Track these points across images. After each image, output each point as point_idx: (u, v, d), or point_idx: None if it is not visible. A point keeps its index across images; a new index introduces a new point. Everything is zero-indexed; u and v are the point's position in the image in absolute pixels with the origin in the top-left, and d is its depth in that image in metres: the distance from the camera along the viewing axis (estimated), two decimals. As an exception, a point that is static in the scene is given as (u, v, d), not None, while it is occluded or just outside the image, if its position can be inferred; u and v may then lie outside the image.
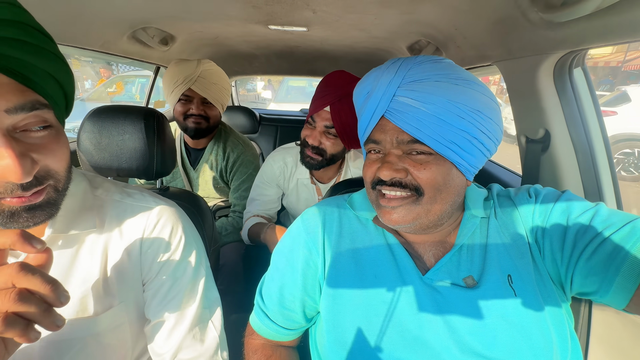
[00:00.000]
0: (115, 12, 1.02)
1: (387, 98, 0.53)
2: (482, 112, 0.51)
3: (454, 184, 0.54)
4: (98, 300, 0.56)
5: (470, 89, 0.52)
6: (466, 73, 0.54)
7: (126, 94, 6.16)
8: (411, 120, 0.51)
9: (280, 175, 1.31)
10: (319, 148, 1.13)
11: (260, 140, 2.24)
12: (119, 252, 0.58)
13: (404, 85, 0.52)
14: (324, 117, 1.10)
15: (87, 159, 0.88)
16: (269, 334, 0.69)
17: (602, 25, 0.54)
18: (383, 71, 0.55)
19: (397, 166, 0.53)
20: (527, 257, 0.55)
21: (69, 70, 0.48)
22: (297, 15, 1.08)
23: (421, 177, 0.52)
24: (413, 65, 0.53)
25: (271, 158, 1.33)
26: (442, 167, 0.52)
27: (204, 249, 0.69)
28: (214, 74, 1.36)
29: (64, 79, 0.46)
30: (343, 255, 0.62)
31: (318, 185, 1.31)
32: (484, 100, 0.52)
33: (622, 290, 0.47)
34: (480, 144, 0.52)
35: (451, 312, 0.54)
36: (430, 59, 0.54)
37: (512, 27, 0.76)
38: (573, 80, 0.77)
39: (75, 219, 0.55)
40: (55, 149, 0.45)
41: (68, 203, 0.54)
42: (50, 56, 0.44)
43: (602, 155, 0.77)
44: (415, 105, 0.51)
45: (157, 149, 0.88)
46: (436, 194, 0.53)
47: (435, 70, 0.52)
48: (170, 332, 0.60)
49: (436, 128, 0.50)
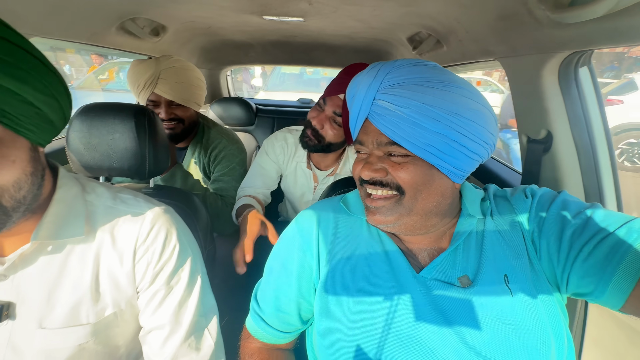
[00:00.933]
0: (102, 3, 0.97)
1: (368, 101, 0.54)
2: (461, 115, 0.51)
3: (435, 185, 0.54)
4: (90, 308, 0.55)
5: (448, 92, 0.51)
6: (447, 75, 0.53)
7: (118, 82, 6.02)
8: (388, 124, 0.52)
9: (280, 153, 1.28)
10: (319, 133, 1.11)
11: (257, 133, 2.20)
12: (111, 260, 0.57)
13: (382, 89, 0.53)
14: (335, 102, 1.08)
15: (78, 159, 0.85)
16: (265, 338, 0.69)
17: (613, 27, 0.51)
18: (364, 75, 0.57)
19: (376, 166, 0.55)
20: (523, 258, 0.55)
21: (53, 94, 0.48)
22: (293, 6, 1.04)
23: (400, 177, 0.54)
24: (392, 69, 0.54)
25: (274, 135, 1.32)
26: (421, 168, 0.53)
27: (200, 254, 0.68)
28: (176, 73, 1.20)
29: (43, 103, 0.47)
30: (337, 257, 0.62)
31: (315, 171, 1.29)
32: (464, 102, 0.51)
33: (618, 291, 0.47)
34: (462, 147, 0.52)
35: (445, 311, 0.54)
36: (409, 62, 0.55)
37: (517, 24, 0.72)
38: (578, 80, 0.74)
39: (63, 226, 0.54)
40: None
41: (56, 209, 0.53)
42: (22, 75, 0.44)
43: (604, 158, 0.75)
44: (392, 109, 0.52)
45: (149, 148, 0.85)
46: (416, 193, 0.54)
47: (412, 74, 0.53)
48: (165, 341, 0.59)
49: (411, 131, 0.51)
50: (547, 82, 0.75)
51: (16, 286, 0.53)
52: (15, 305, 0.52)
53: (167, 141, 0.94)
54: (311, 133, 1.12)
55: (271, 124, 2.20)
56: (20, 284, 0.53)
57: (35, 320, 0.53)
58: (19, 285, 0.53)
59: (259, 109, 2.24)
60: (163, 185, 1.00)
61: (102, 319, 0.56)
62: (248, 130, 2.19)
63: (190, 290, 0.62)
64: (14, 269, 0.52)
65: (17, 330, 0.52)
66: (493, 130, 0.55)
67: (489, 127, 0.53)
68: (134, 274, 0.58)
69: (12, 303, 0.52)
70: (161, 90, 1.18)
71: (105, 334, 0.57)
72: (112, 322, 0.57)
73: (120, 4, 1.01)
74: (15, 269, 0.52)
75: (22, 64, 0.44)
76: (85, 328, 0.54)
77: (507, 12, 0.72)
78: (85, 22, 1.01)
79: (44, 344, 0.52)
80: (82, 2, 0.92)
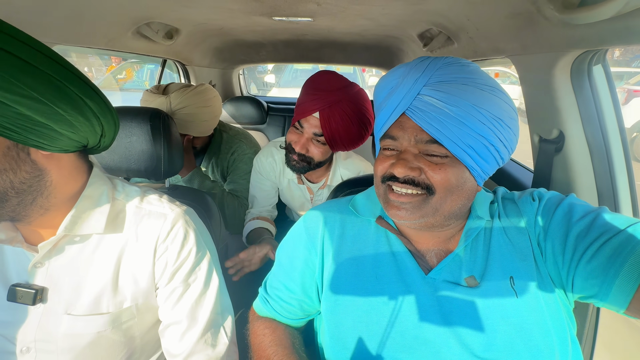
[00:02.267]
0: (117, 10, 1.00)
1: (412, 95, 0.53)
2: (502, 120, 0.52)
3: (465, 187, 0.54)
4: (110, 299, 0.59)
5: (494, 96, 0.52)
6: (493, 80, 0.54)
7: (136, 80, 6.19)
8: (432, 120, 0.51)
9: (271, 170, 1.28)
10: (306, 156, 1.08)
11: (268, 131, 2.23)
12: (134, 256, 0.61)
13: (430, 84, 0.53)
14: (312, 123, 1.04)
15: (99, 161, 0.90)
16: (273, 315, 0.71)
17: (624, 27, 0.50)
18: (411, 68, 0.56)
19: (412, 164, 0.53)
20: (529, 260, 0.55)
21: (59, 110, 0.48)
22: (301, 7, 1.05)
23: (435, 178, 0.52)
24: (442, 66, 0.54)
25: (261, 153, 1.30)
26: (456, 170, 0.53)
27: (216, 254, 0.71)
28: (188, 112, 1.18)
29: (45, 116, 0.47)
30: (344, 257, 0.63)
31: (308, 184, 1.28)
32: (506, 108, 0.53)
33: (622, 293, 0.47)
34: (495, 151, 0.53)
35: (452, 311, 0.55)
36: (457, 61, 0.55)
37: (527, 23, 0.71)
38: (592, 78, 0.72)
39: (86, 220, 0.58)
40: None
41: (83, 205, 0.58)
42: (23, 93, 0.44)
43: (619, 159, 0.73)
44: (439, 106, 0.51)
45: (164, 150, 0.89)
46: (447, 195, 0.53)
47: (462, 73, 0.52)
48: (182, 336, 0.63)
49: (456, 130, 0.51)
50: (559, 81, 0.73)
51: (50, 274, 0.58)
52: (49, 290, 0.58)
53: (181, 144, 0.98)
54: (298, 158, 1.08)
55: (282, 122, 2.22)
56: (53, 273, 0.58)
57: (63, 307, 0.58)
58: (52, 274, 0.58)
59: (270, 107, 2.26)
60: (178, 185, 1.04)
61: (121, 310, 0.60)
62: (260, 129, 2.22)
63: (206, 288, 0.65)
64: (48, 257, 0.58)
65: (47, 314, 0.57)
66: (518, 138, 0.57)
67: (517, 135, 0.56)
68: (154, 271, 0.62)
69: (45, 288, 0.57)
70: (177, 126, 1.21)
71: (122, 325, 0.61)
72: (129, 314, 0.61)
73: (135, 10, 1.05)
74: (49, 257, 0.58)
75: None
76: (104, 317, 0.58)
77: (516, 10, 0.71)
78: (102, 29, 1.05)
79: (68, 329, 0.57)
80: (99, 11, 0.96)
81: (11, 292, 0.56)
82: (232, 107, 2.14)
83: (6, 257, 0.59)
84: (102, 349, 0.59)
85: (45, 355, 0.57)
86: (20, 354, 0.57)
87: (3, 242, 0.55)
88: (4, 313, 0.57)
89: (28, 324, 0.57)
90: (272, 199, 1.33)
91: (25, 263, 0.57)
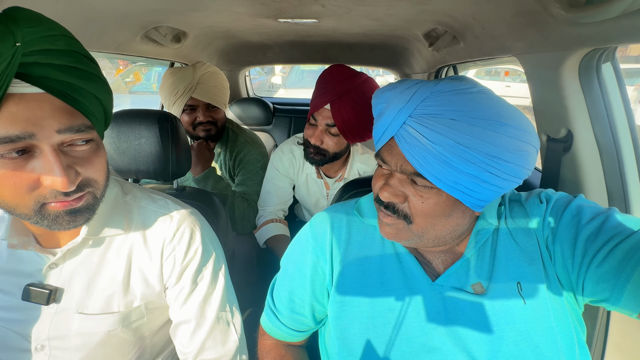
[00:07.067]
0: (127, 15, 1.03)
1: (397, 124, 0.50)
2: (499, 157, 0.46)
3: (454, 216, 0.52)
4: (121, 299, 0.61)
5: (492, 131, 0.45)
6: (493, 110, 0.46)
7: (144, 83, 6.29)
8: (416, 154, 0.48)
9: (289, 167, 1.31)
10: (321, 148, 1.13)
11: (275, 132, 2.24)
12: (143, 257, 0.63)
13: (415, 116, 0.48)
14: (324, 115, 1.09)
15: (110, 163, 0.92)
16: (279, 335, 0.71)
17: (632, 24, 0.49)
18: (396, 95, 0.51)
19: (397, 191, 0.52)
20: (537, 264, 0.54)
21: (108, 90, 0.53)
22: (306, 9, 1.05)
23: (417, 207, 0.51)
24: (430, 96, 0.48)
25: (280, 150, 1.33)
26: (443, 200, 0.50)
27: (223, 254, 0.72)
28: (212, 77, 1.32)
29: (104, 97, 0.52)
30: (351, 262, 0.62)
31: (325, 179, 1.31)
32: (506, 143, 0.46)
33: (634, 297, 0.45)
34: (493, 185, 0.48)
35: (458, 318, 0.54)
36: (453, 88, 0.48)
37: (534, 21, 0.70)
38: (601, 76, 0.71)
39: (106, 222, 0.60)
40: (95, 162, 0.51)
41: (101, 207, 0.59)
42: (95, 78, 0.49)
43: (630, 158, 0.72)
44: (422, 141, 0.47)
45: (172, 152, 0.90)
46: (428, 224, 0.52)
47: (452, 105, 0.47)
48: (192, 334, 0.64)
49: (440, 168, 0.47)
50: (566, 79, 0.72)
51: (64, 275, 0.60)
52: (63, 290, 0.59)
53: (188, 145, 1.00)
54: (314, 150, 1.14)
55: (288, 123, 2.23)
56: (66, 273, 0.60)
57: (75, 306, 0.59)
58: (66, 274, 0.60)
59: (276, 108, 2.27)
60: (185, 187, 1.06)
61: (130, 309, 0.61)
62: (266, 130, 2.23)
63: (213, 286, 0.66)
64: (63, 259, 0.59)
65: (59, 313, 0.59)
66: (532, 165, 0.50)
67: (528, 165, 0.49)
68: (162, 271, 0.63)
69: (59, 288, 0.59)
70: (200, 95, 1.29)
71: (131, 324, 0.62)
72: (139, 313, 0.62)
73: (143, 14, 1.07)
74: (64, 259, 0.60)
75: (96, 70, 0.50)
76: (115, 316, 0.60)
77: (522, 9, 0.70)
78: (112, 33, 1.08)
79: (80, 327, 0.59)
80: (108, 16, 0.98)
81: (25, 292, 0.57)
82: (239, 109, 2.16)
83: (20, 257, 0.61)
84: (112, 347, 0.61)
85: (59, 352, 0.59)
86: (35, 351, 0.58)
87: (16, 247, 0.56)
88: (19, 312, 0.58)
89: (41, 323, 0.58)
90: (287, 196, 1.35)
91: (39, 264, 0.59)
